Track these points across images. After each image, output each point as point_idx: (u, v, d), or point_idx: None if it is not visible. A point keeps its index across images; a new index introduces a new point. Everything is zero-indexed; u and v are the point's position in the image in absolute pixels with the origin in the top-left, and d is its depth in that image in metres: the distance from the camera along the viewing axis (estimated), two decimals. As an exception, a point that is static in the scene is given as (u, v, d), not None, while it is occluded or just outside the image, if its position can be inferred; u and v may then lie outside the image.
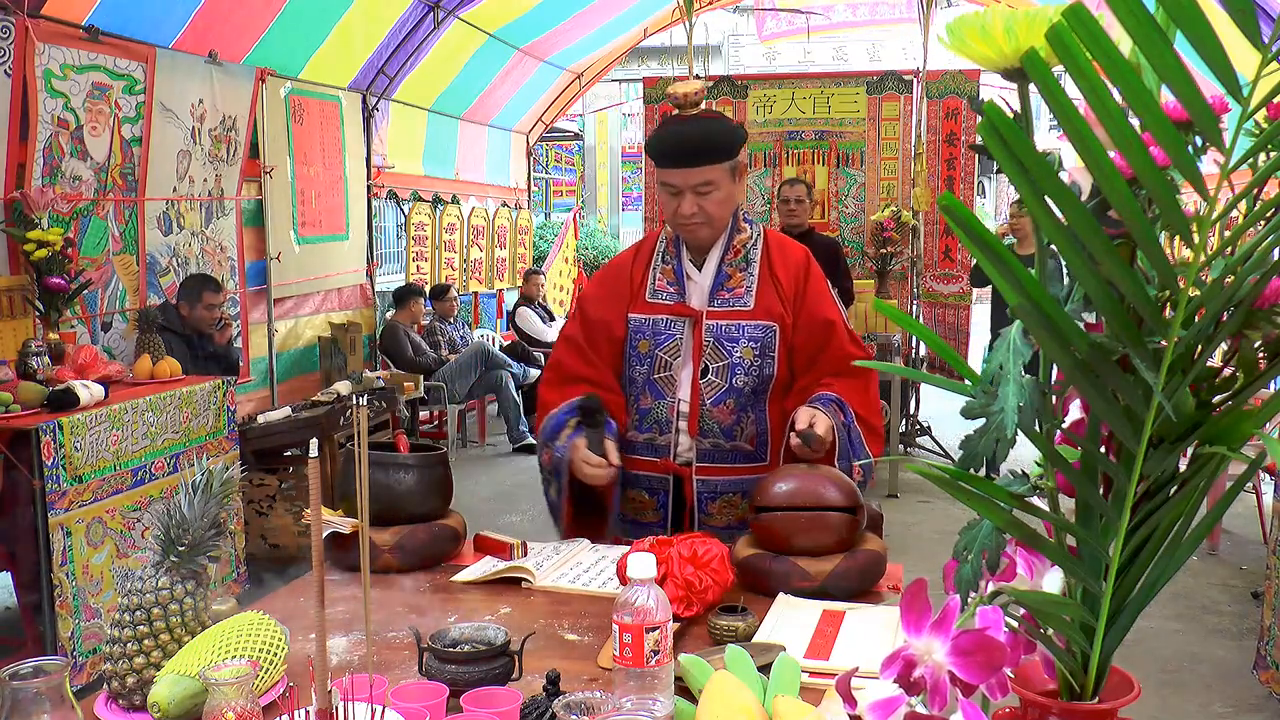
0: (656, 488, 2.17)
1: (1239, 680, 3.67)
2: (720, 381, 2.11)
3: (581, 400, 2.08)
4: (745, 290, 2.14)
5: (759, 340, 2.11)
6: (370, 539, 1.49)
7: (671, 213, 2.10)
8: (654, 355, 2.14)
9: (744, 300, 2.13)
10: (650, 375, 2.15)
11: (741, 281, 2.14)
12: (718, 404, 2.11)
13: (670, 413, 2.14)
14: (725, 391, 2.11)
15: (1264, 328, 0.82)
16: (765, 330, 2.11)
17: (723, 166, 2.05)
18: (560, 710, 1.15)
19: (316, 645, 1.14)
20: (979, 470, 0.85)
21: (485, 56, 7.83)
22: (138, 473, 3.73)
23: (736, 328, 2.12)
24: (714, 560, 1.68)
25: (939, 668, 0.86)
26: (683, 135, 2.04)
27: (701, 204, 2.05)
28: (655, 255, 2.21)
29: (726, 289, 2.14)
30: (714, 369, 2.11)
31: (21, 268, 4.07)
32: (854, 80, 7.26)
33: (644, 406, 2.17)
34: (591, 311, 2.24)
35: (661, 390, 2.15)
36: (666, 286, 2.17)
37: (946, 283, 7.24)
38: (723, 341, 2.11)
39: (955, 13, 1.03)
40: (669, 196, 2.09)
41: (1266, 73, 0.72)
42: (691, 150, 2.03)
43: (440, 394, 7.18)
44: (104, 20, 4.40)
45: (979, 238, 0.79)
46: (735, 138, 2.08)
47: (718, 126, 2.06)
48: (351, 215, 6.90)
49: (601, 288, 2.26)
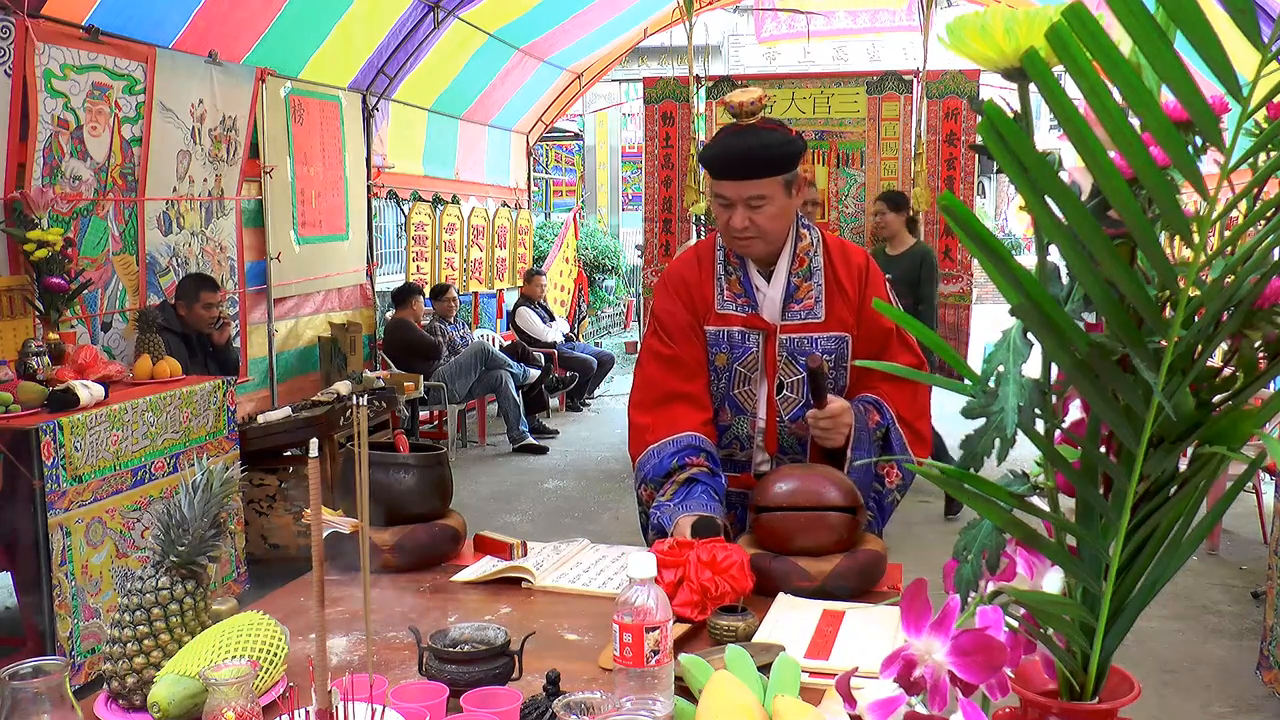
0: (735, 502, 2.12)
1: (1239, 680, 3.67)
2: (796, 397, 2.07)
3: (700, 517, 1.92)
4: (815, 301, 2.08)
5: (833, 352, 2.07)
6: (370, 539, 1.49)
7: (723, 225, 2.04)
8: (732, 369, 2.09)
9: (815, 312, 2.07)
10: (729, 390, 2.10)
11: (809, 292, 2.08)
12: (794, 419, 2.08)
13: (750, 429, 2.11)
14: (801, 407, 2.07)
15: (1264, 328, 0.82)
16: (839, 341, 2.07)
17: (777, 180, 1.97)
18: (560, 710, 1.15)
19: (316, 645, 1.15)
20: (977, 469, 0.85)
21: (485, 56, 7.82)
22: (138, 473, 3.73)
23: (809, 341, 2.07)
24: (733, 567, 1.67)
25: (939, 668, 0.86)
26: (737, 147, 1.97)
27: (753, 218, 1.99)
28: (717, 263, 2.13)
29: (796, 300, 2.08)
30: (789, 384, 2.07)
31: (21, 268, 4.07)
32: (854, 80, 7.25)
33: (723, 422, 2.12)
34: (670, 323, 2.14)
35: (741, 405, 2.10)
36: (735, 298, 2.10)
37: (946, 283, 7.24)
38: (797, 356, 2.06)
39: (955, 13, 1.03)
40: (721, 208, 2.02)
41: (1266, 73, 0.72)
42: (744, 162, 1.96)
43: (440, 394, 7.18)
44: (104, 20, 4.39)
45: (979, 238, 0.79)
46: (792, 149, 1.99)
47: (774, 139, 1.98)
48: (351, 215, 6.90)
49: (674, 300, 2.15)
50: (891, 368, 1.00)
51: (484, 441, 7.94)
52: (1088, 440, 0.87)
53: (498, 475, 6.93)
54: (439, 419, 7.57)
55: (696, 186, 6.70)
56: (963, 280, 7.22)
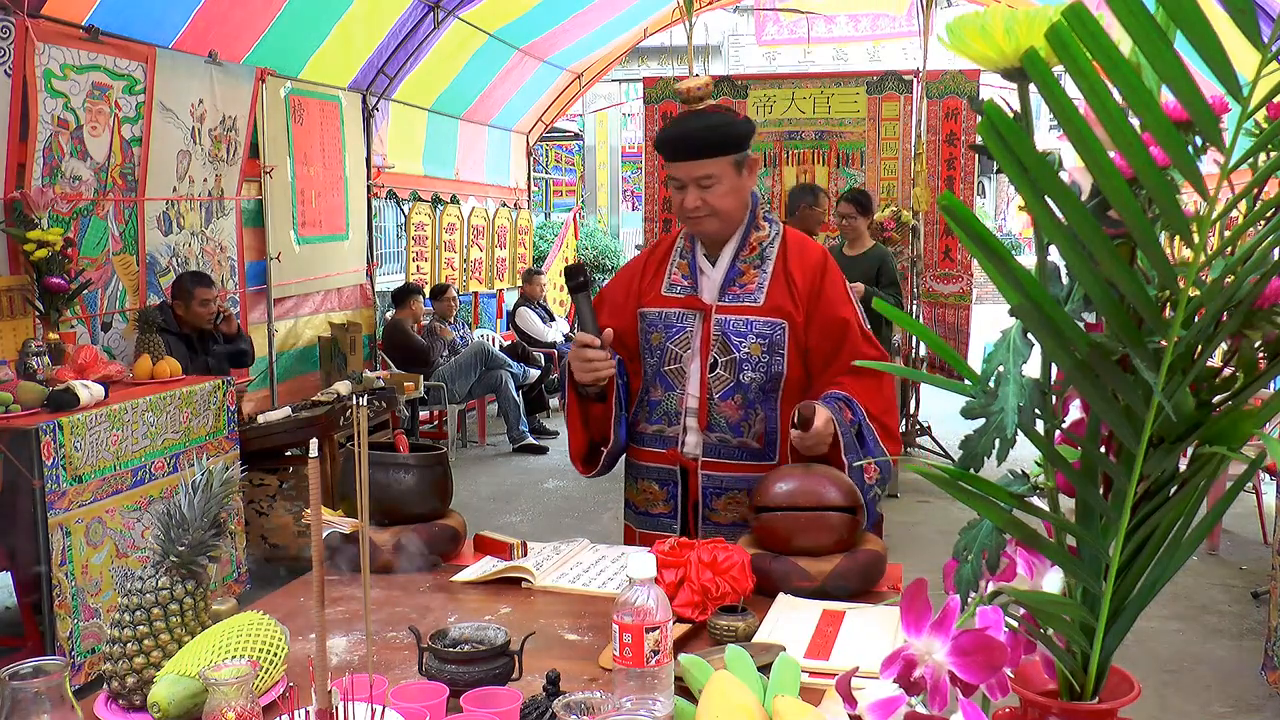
0: (666, 480, 2.19)
1: (1239, 680, 3.67)
2: (728, 376, 2.12)
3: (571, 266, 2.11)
4: (757, 286, 2.15)
5: (766, 336, 2.12)
6: (370, 539, 1.49)
7: (678, 206, 2.13)
8: (665, 347, 2.16)
9: (754, 296, 2.14)
10: (660, 367, 2.17)
11: (754, 278, 2.16)
12: (725, 399, 2.12)
13: (679, 405, 2.16)
14: (733, 387, 2.12)
15: (1264, 328, 0.82)
16: (773, 326, 2.12)
17: (726, 160, 2.06)
18: (560, 710, 1.15)
19: (316, 645, 1.14)
20: (975, 468, 0.85)
21: (485, 56, 7.83)
22: (138, 473, 3.73)
23: (745, 323, 2.12)
24: (734, 568, 1.67)
25: (939, 668, 0.86)
26: (685, 129, 2.07)
27: (705, 197, 2.07)
28: (675, 251, 2.24)
29: (738, 284, 2.16)
30: (722, 363, 2.12)
31: (21, 268, 4.07)
32: (854, 80, 7.26)
33: (654, 398, 2.19)
34: (607, 297, 2.30)
35: (671, 382, 2.16)
36: (681, 280, 2.19)
37: (946, 283, 7.24)
38: (730, 336, 2.12)
39: (955, 13, 1.03)
40: (675, 190, 2.12)
41: (1266, 73, 0.72)
42: (693, 144, 2.05)
43: (440, 394, 7.18)
44: (104, 20, 4.40)
45: (979, 238, 0.79)
46: (738, 131, 2.09)
47: (720, 120, 2.09)
48: (351, 215, 6.90)
49: (617, 285, 2.31)
50: (899, 370, 1.01)
51: (484, 441, 7.94)
52: (1088, 440, 0.87)
53: (498, 475, 6.93)
54: (439, 419, 7.57)
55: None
56: (963, 280, 7.23)
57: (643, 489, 2.23)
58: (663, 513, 2.20)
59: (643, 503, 2.23)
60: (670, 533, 2.15)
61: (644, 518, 2.23)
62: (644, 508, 2.23)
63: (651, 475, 2.20)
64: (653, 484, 2.21)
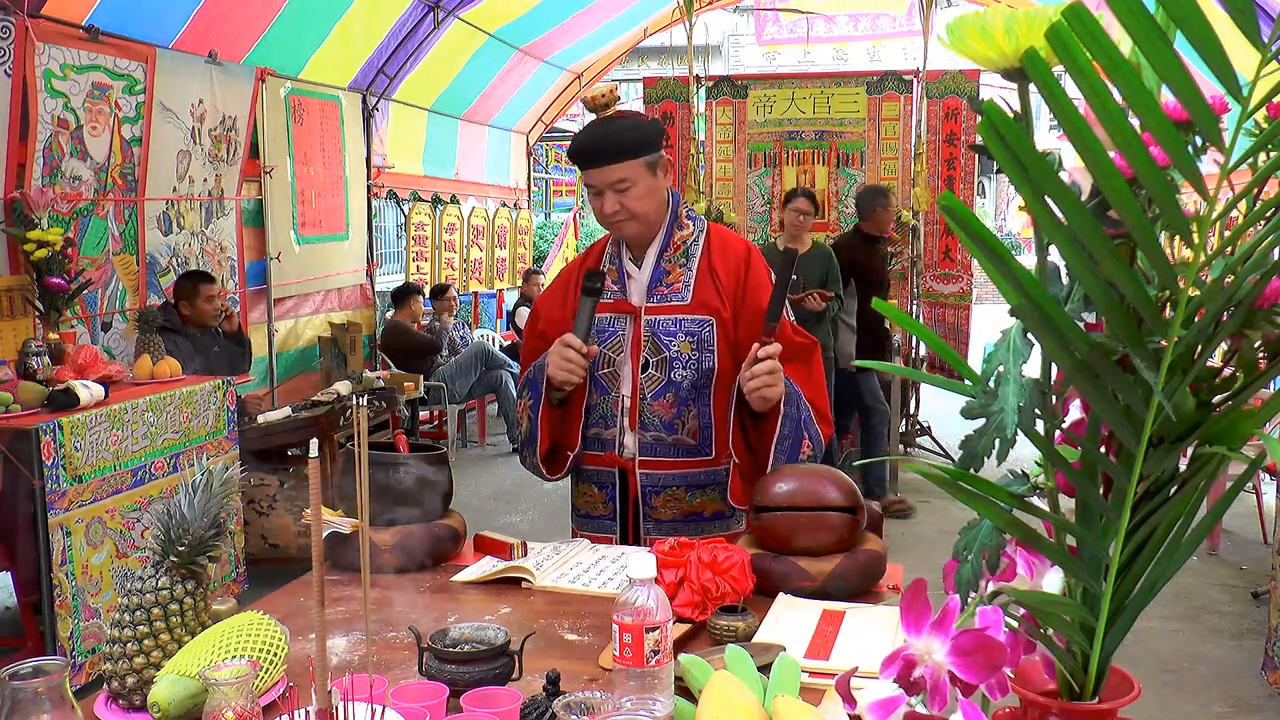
0: (605, 482, 2.21)
1: (1239, 680, 3.67)
2: (660, 375, 2.15)
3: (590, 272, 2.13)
4: (683, 285, 2.18)
5: (695, 334, 2.14)
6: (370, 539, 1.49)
7: (598, 212, 2.16)
8: (599, 353, 2.18)
9: (681, 295, 2.17)
10: (595, 371, 2.18)
11: (680, 277, 2.19)
12: (658, 398, 2.15)
13: (614, 407, 2.18)
14: (665, 385, 2.14)
15: (1264, 328, 0.82)
16: (701, 324, 2.15)
17: (638, 163, 2.09)
18: (560, 710, 1.15)
19: (316, 645, 1.14)
20: (975, 468, 0.85)
21: (485, 56, 7.83)
22: (138, 473, 3.73)
23: (673, 322, 2.15)
24: (734, 568, 1.68)
25: (939, 668, 0.86)
26: (596, 136, 2.10)
27: (622, 201, 2.10)
28: (605, 257, 2.26)
29: (665, 284, 2.19)
30: (653, 363, 2.15)
31: (21, 268, 4.07)
32: (854, 80, 7.25)
33: (591, 402, 2.21)
34: (542, 310, 2.32)
35: (606, 385, 2.18)
36: (611, 285, 2.21)
37: (946, 283, 7.24)
38: (660, 336, 2.15)
39: (955, 13, 1.03)
40: (593, 197, 2.15)
41: (1266, 73, 0.72)
42: (604, 150, 2.08)
43: (440, 394, 7.18)
44: (104, 20, 4.40)
45: (979, 238, 0.79)
46: (643, 133, 2.12)
47: (628, 125, 2.12)
48: (351, 215, 6.90)
49: (551, 296, 2.33)
50: (892, 368, 1.00)
51: (484, 441, 7.94)
52: (1088, 440, 0.87)
53: (498, 475, 6.93)
54: (439, 419, 7.57)
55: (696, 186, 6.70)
56: (963, 280, 7.23)
57: (583, 492, 2.26)
58: (603, 515, 2.22)
59: (584, 505, 2.26)
60: (610, 534, 2.20)
61: (586, 520, 2.26)
62: (585, 510, 2.26)
63: (591, 479, 2.23)
64: (592, 487, 2.23)
